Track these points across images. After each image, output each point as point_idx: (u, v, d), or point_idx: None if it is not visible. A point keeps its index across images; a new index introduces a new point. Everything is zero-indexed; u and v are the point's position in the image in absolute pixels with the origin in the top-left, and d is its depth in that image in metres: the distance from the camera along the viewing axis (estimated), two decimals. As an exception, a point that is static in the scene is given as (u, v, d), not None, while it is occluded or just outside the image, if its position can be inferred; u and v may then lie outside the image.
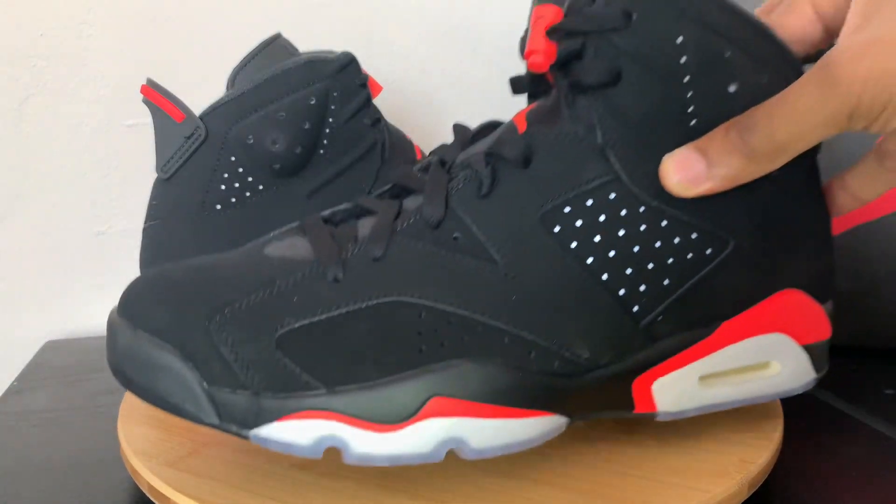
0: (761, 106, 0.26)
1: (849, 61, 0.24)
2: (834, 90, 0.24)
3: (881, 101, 0.24)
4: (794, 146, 0.26)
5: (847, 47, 0.25)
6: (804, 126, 0.25)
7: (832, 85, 0.24)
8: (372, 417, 0.25)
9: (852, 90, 0.24)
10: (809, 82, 0.25)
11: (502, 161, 0.28)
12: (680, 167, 0.27)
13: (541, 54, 0.28)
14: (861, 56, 0.24)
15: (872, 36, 0.24)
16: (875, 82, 0.24)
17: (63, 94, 0.54)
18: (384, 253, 0.27)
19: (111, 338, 0.28)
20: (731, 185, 0.27)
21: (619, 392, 0.29)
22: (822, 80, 0.24)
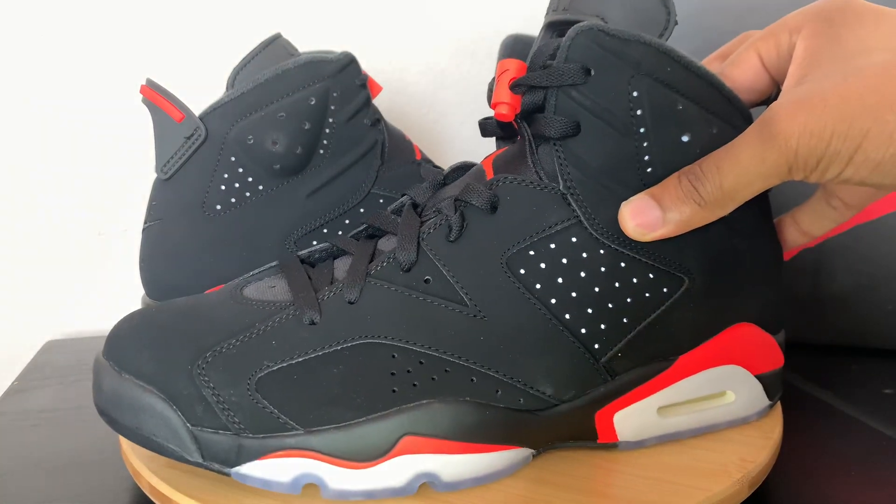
0: (711, 156, 0.28)
1: (786, 116, 0.26)
2: (772, 144, 0.26)
3: (816, 155, 0.26)
4: (741, 194, 0.28)
5: (786, 102, 0.26)
6: (748, 177, 0.27)
7: (771, 139, 0.26)
8: (348, 455, 0.27)
9: (789, 144, 0.25)
10: (752, 135, 0.27)
11: (470, 207, 0.30)
12: (636, 213, 0.28)
13: (506, 106, 0.30)
14: (797, 111, 0.25)
15: (809, 91, 0.26)
16: (809, 137, 0.25)
17: (63, 94, 0.54)
18: (359, 296, 0.29)
19: (97, 380, 0.29)
20: (685, 229, 0.29)
21: (582, 424, 0.30)
22: (762, 134, 0.26)
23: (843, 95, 0.25)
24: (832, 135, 0.25)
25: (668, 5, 0.30)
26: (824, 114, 0.25)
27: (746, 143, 0.27)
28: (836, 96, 0.25)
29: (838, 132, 0.25)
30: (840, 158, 0.25)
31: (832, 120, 0.25)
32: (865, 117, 0.25)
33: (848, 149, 0.25)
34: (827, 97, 0.25)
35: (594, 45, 0.28)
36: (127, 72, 0.54)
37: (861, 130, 0.25)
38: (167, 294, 0.41)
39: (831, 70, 0.26)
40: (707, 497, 0.28)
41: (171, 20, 0.55)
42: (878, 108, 0.24)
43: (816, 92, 0.26)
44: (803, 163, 0.26)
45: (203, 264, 0.41)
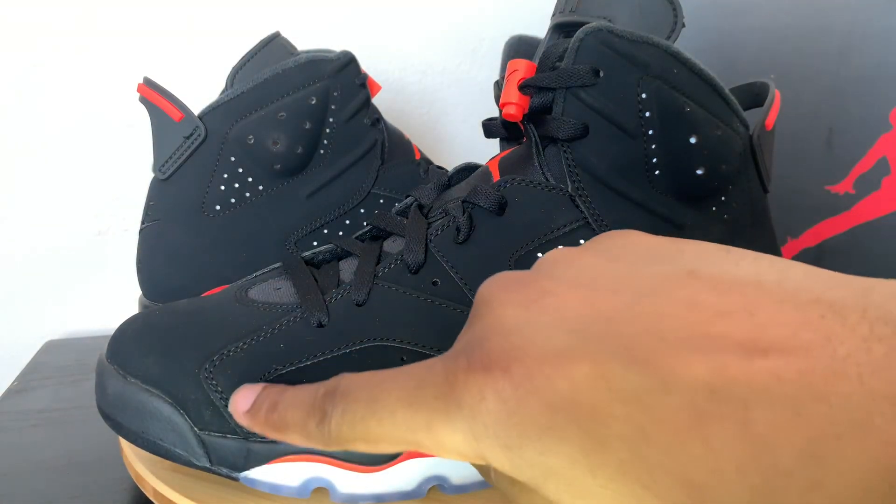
0: (367, 379, 0.19)
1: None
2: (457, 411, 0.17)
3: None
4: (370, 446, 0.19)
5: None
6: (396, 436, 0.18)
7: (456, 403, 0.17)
8: (356, 459, 0.27)
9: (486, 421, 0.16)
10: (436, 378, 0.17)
11: (478, 209, 0.30)
12: (244, 400, 0.23)
13: (514, 106, 0.30)
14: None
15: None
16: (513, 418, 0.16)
17: (63, 93, 0.53)
18: (367, 298, 0.28)
19: (101, 383, 0.28)
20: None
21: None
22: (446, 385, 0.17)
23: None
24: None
25: (675, 7, 0.30)
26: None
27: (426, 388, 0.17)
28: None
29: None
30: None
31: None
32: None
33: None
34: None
35: (603, 46, 0.28)
36: (126, 70, 0.54)
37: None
38: (165, 295, 0.41)
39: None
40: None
41: (170, 19, 0.54)
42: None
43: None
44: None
45: (202, 265, 0.41)
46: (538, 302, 0.16)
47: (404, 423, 0.17)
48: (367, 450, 0.18)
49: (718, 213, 0.30)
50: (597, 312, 0.15)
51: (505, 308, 0.17)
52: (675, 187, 0.29)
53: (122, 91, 0.53)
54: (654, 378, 0.14)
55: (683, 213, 0.30)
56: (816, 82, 0.39)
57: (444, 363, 0.17)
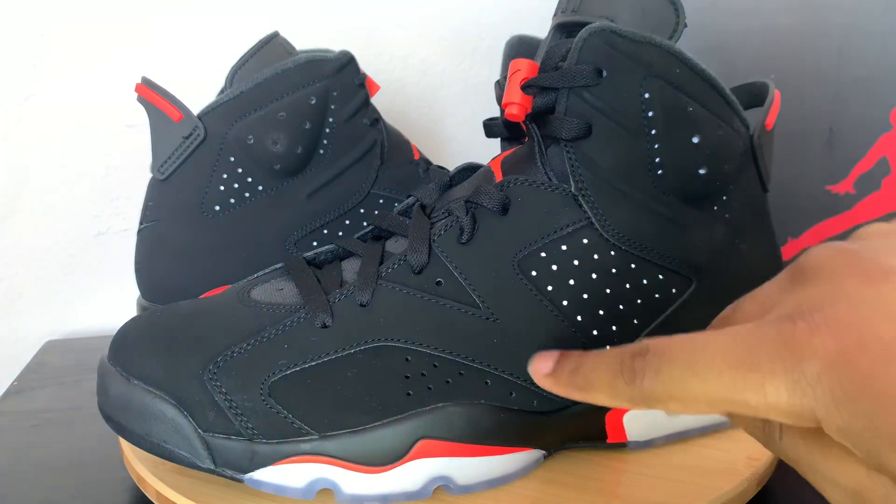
0: (674, 342, 0.19)
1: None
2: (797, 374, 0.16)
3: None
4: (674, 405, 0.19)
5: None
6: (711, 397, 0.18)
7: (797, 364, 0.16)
8: (363, 460, 0.27)
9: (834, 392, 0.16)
10: (754, 341, 0.17)
11: (481, 209, 0.29)
12: (544, 364, 0.23)
13: (517, 106, 0.30)
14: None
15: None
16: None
17: (63, 94, 0.53)
18: (371, 298, 0.28)
19: (103, 385, 0.28)
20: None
21: (593, 425, 0.30)
22: (780, 349, 0.17)
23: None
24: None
25: (677, 7, 0.30)
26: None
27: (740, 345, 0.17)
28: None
29: None
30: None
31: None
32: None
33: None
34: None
35: (606, 46, 0.28)
36: (126, 70, 0.53)
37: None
38: (164, 297, 0.41)
39: None
40: (719, 495, 0.28)
41: (169, 19, 0.54)
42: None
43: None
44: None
45: (201, 266, 0.41)
46: (883, 277, 0.17)
47: (732, 383, 0.17)
48: (678, 409, 0.19)
49: (720, 212, 0.30)
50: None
51: (846, 279, 0.17)
52: (677, 187, 0.29)
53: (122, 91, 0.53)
54: None
55: (686, 213, 0.30)
56: (816, 82, 0.39)
57: (778, 326, 0.17)
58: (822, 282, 0.17)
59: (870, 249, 0.18)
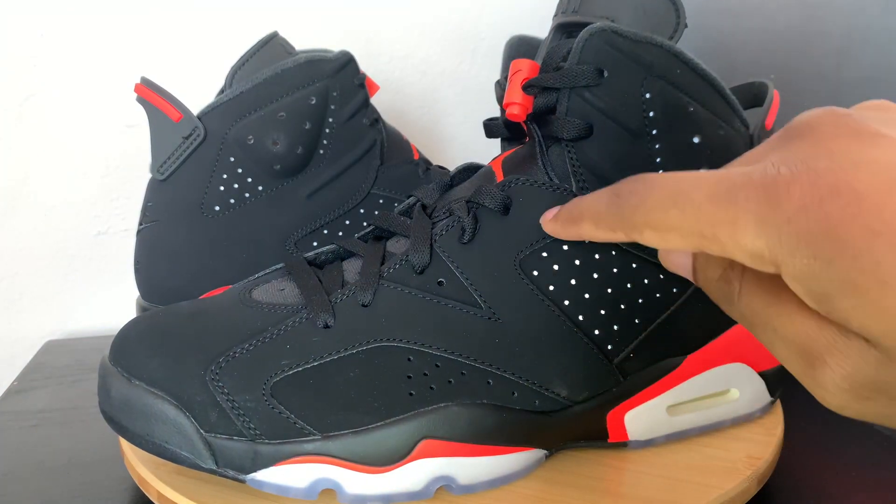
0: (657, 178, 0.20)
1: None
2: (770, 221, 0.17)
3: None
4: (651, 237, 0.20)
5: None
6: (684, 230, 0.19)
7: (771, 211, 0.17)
8: (365, 460, 0.27)
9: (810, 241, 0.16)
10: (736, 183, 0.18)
11: (483, 209, 0.30)
12: (550, 212, 0.26)
13: (517, 106, 0.30)
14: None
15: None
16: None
17: (63, 94, 0.53)
18: (372, 299, 0.28)
19: (104, 386, 0.28)
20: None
21: (594, 425, 0.31)
22: (760, 195, 0.17)
23: None
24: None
25: (677, 7, 0.30)
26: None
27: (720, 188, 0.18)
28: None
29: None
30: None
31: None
32: None
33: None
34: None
35: (607, 46, 0.28)
36: (126, 70, 0.53)
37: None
38: (164, 297, 0.41)
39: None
40: (720, 494, 0.28)
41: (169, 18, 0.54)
42: None
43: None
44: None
45: (201, 266, 0.40)
46: (870, 139, 0.17)
47: (708, 216, 0.17)
48: (652, 239, 0.19)
49: (721, 212, 0.31)
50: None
51: (834, 139, 0.17)
52: (678, 187, 0.29)
53: (122, 91, 0.53)
54: None
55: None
56: (816, 82, 0.39)
57: (761, 171, 0.17)
58: (811, 138, 0.18)
59: (862, 116, 0.18)
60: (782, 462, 0.33)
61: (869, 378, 0.16)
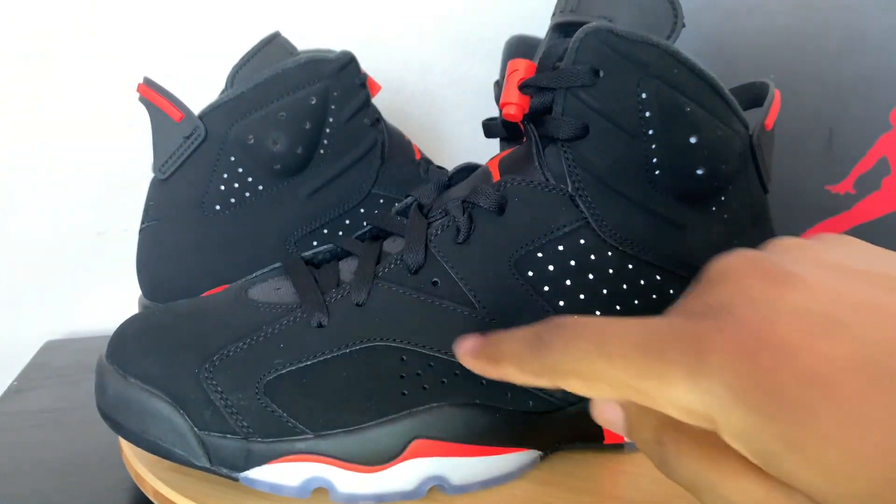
0: (577, 323, 0.19)
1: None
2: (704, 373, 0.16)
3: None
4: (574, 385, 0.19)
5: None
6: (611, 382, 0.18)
7: (701, 363, 0.16)
8: (357, 459, 0.27)
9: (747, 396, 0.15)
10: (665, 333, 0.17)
11: (478, 209, 0.29)
12: (469, 343, 0.22)
13: (514, 106, 0.30)
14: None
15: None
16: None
17: (63, 93, 0.53)
18: (367, 298, 0.28)
19: (101, 383, 0.28)
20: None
21: (589, 426, 0.30)
22: (688, 344, 0.16)
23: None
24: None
25: (675, 7, 0.30)
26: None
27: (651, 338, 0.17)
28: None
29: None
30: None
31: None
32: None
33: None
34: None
35: (603, 46, 0.28)
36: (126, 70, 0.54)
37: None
38: (165, 296, 0.41)
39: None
40: (715, 497, 0.28)
41: (170, 18, 0.54)
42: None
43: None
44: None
45: (202, 265, 0.41)
46: (786, 281, 0.17)
47: (637, 368, 0.17)
48: (578, 388, 0.18)
49: (718, 213, 0.30)
50: (847, 300, 0.16)
51: (751, 281, 0.17)
52: (675, 187, 0.29)
53: (123, 91, 0.53)
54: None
55: (684, 213, 0.30)
56: (816, 82, 0.38)
57: (688, 323, 0.17)
58: (728, 284, 0.17)
59: (774, 257, 0.18)
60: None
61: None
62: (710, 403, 0.15)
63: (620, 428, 0.20)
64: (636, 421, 0.19)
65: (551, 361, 0.19)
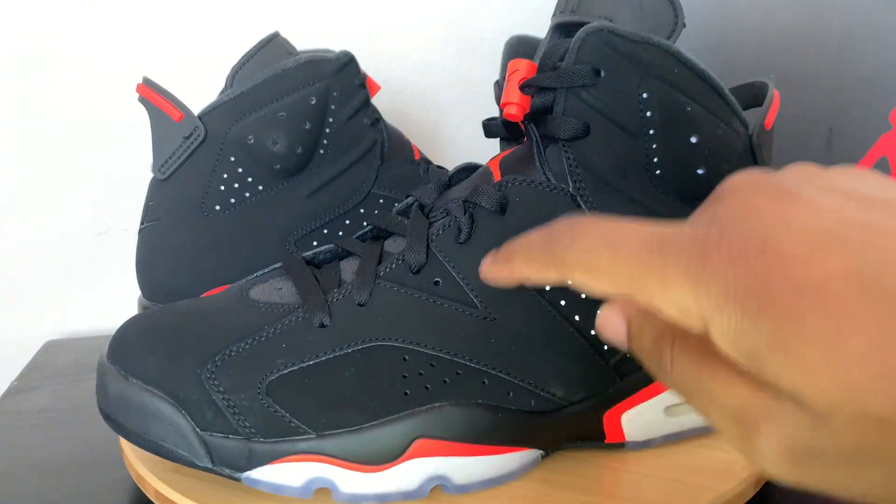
0: (583, 222, 0.20)
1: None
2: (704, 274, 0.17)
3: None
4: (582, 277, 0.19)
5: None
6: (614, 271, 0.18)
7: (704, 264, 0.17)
8: (360, 459, 0.27)
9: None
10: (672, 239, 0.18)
11: (480, 208, 0.29)
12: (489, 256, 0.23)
13: (515, 106, 0.30)
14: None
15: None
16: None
17: (63, 94, 0.53)
18: (368, 298, 0.28)
19: (102, 384, 0.28)
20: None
21: (590, 425, 0.30)
22: (695, 247, 0.17)
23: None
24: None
25: (675, 7, 0.30)
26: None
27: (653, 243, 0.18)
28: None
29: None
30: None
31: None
32: None
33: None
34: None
35: (604, 46, 0.28)
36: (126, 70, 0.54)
37: None
38: (164, 296, 0.41)
39: None
40: (717, 496, 0.28)
41: (169, 18, 0.54)
42: None
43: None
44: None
45: (201, 266, 0.41)
46: (790, 199, 0.18)
47: (639, 264, 0.18)
48: (583, 281, 0.19)
49: (719, 212, 0.30)
50: (849, 221, 0.16)
51: (756, 197, 0.18)
52: (676, 187, 0.29)
53: (122, 91, 0.53)
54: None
55: (684, 213, 0.29)
56: (816, 82, 0.39)
57: (691, 229, 0.18)
58: (736, 199, 0.18)
59: (783, 178, 0.19)
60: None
61: (804, 443, 0.16)
62: (704, 305, 0.16)
63: (621, 338, 0.21)
64: (637, 329, 0.20)
65: (559, 252, 0.20)
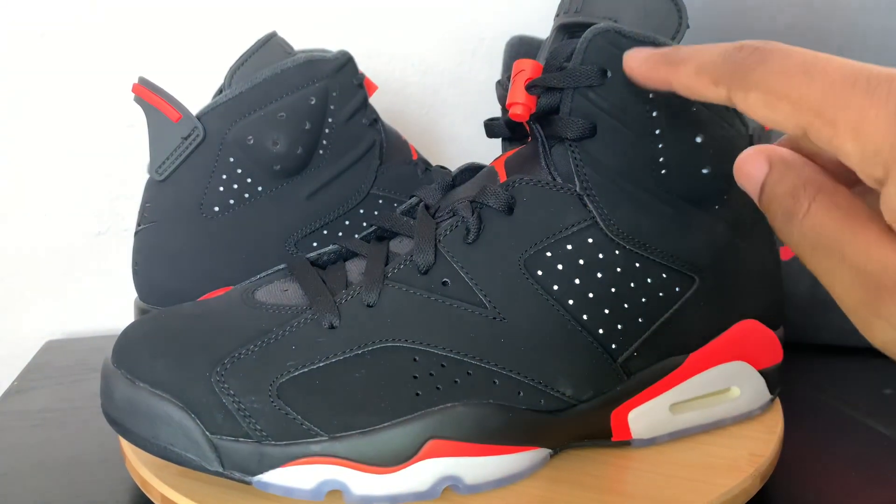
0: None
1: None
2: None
3: None
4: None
5: None
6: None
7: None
8: (372, 461, 0.26)
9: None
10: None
11: (487, 208, 0.30)
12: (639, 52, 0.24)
13: (521, 106, 0.30)
14: None
15: None
16: None
17: (63, 93, 0.53)
18: (377, 299, 0.28)
19: (107, 388, 0.28)
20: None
21: (598, 423, 0.31)
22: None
23: None
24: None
25: (679, 8, 0.30)
26: None
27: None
28: None
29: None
30: None
31: None
32: None
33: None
34: None
35: (611, 46, 0.28)
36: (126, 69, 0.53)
37: None
38: (162, 298, 0.41)
39: None
40: (723, 492, 0.29)
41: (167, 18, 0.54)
42: None
43: None
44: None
45: (200, 267, 0.40)
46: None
47: (837, 95, 0.17)
48: (757, 104, 0.18)
49: (721, 211, 0.31)
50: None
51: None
52: (681, 186, 0.30)
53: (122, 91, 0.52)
54: None
55: (689, 212, 0.30)
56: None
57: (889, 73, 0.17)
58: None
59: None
60: (782, 460, 0.33)
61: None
62: (892, 141, 0.15)
63: (757, 183, 0.20)
64: (777, 175, 0.19)
65: (743, 68, 0.18)
